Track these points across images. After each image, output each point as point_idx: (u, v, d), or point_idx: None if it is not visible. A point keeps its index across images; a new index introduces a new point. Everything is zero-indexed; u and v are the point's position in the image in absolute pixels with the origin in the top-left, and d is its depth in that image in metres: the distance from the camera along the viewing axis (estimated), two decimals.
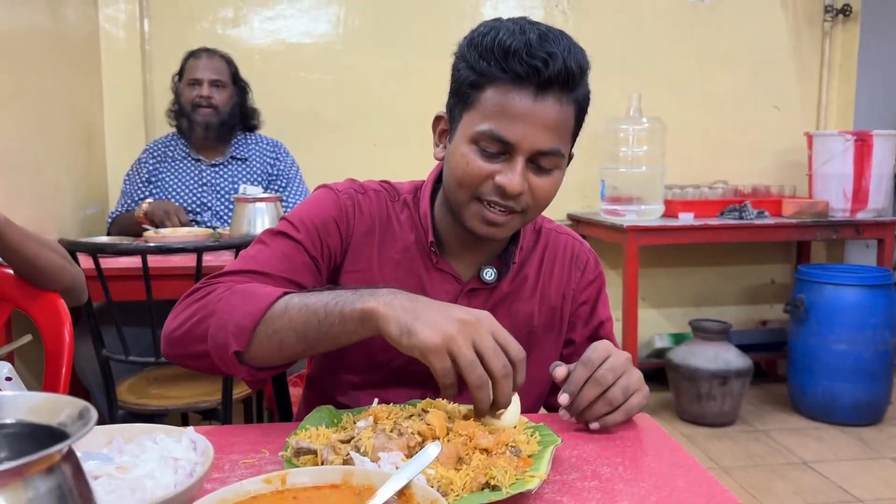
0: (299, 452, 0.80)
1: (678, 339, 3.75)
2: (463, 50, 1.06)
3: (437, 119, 1.15)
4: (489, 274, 1.16)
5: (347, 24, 3.49)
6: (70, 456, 0.47)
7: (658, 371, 3.59)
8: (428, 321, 0.85)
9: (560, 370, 1.00)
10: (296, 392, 1.74)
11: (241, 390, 2.23)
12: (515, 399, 0.91)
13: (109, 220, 2.89)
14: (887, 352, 3.24)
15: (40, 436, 0.49)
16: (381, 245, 1.15)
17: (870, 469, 2.84)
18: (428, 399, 0.98)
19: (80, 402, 0.50)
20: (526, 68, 0.99)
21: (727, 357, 3.25)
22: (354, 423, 0.88)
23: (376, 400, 0.95)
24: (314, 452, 0.80)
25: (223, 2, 3.40)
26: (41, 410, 0.51)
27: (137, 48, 3.33)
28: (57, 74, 2.80)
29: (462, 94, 1.06)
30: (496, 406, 0.86)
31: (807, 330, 3.30)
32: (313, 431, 0.85)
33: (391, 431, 0.81)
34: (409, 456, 0.79)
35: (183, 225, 2.59)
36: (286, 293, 0.97)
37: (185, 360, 1.04)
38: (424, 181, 1.21)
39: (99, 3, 3.27)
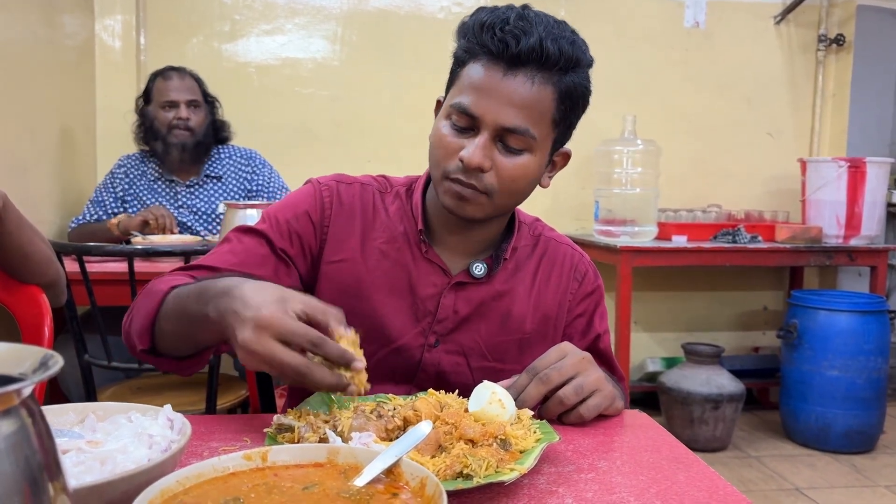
0: (281, 429, 0.77)
1: (670, 362, 3.72)
2: (457, 30, 1.07)
3: (438, 103, 1.14)
4: (478, 268, 1.13)
5: (344, 41, 3.50)
6: (31, 403, 0.43)
7: (650, 395, 3.55)
8: (241, 337, 0.79)
9: (504, 382, 0.98)
10: (282, 403, 1.71)
11: (225, 400, 2.18)
12: (506, 394, 0.88)
13: (73, 224, 2.77)
14: (880, 379, 3.21)
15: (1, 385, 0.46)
16: (364, 235, 1.13)
17: (863, 497, 2.79)
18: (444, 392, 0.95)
19: (44, 351, 0.47)
20: (497, 43, 0.97)
21: (720, 381, 3.22)
22: (356, 408, 0.84)
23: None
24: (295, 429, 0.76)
25: (220, 16, 3.40)
26: (1, 360, 0.47)
27: (133, 59, 3.32)
28: (49, 81, 2.78)
29: (452, 73, 1.07)
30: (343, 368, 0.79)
31: (800, 355, 3.27)
32: (304, 411, 0.82)
33: (371, 413, 0.77)
34: (388, 438, 0.75)
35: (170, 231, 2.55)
36: (174, 287, 0.97)
37: (134, 356, 1.05)
38: (422, 175, 1.19)
39: (96, 12, 3.26)
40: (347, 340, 0.81)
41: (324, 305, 0.83)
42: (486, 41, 0.98)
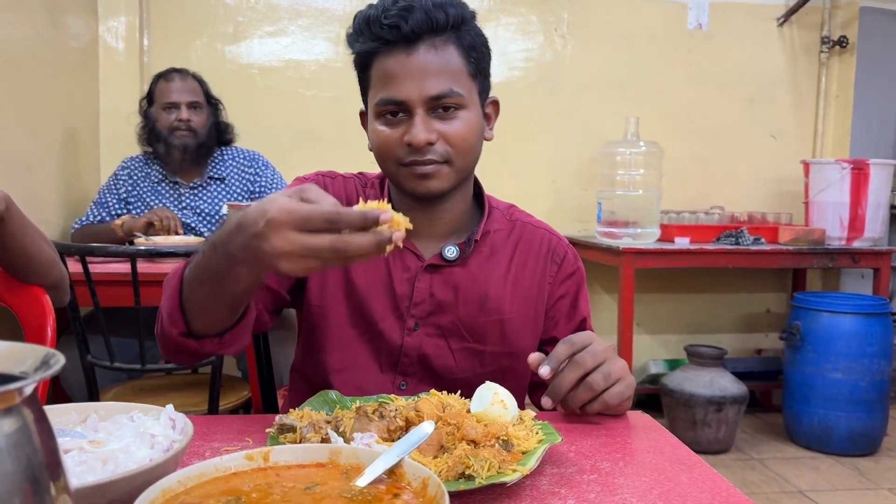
0: (283, 429, 0.77)
1: (673, 364, 3.71)
2: (346, 43, 1.11)
3: (361, 115, 1.19)
4: (450, 251, 1.15)
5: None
6: (32, 402, 0.43)
7: (652, 397, 3.55)
8: (268, 247, 0.76)
9: (535, 356, 0.99)
10: (284, 404, 1.71)
11: (228, 401, 2.18)
12: (508, 395, 0.88)
13: (77, 225, 2.77)
14: (883, 381, 3.20)
15: (0, 383, 0.45)
16: None
17: (866, 499, 2.78)
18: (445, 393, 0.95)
19: (45, 349, 0.47)
20: (388, 30, 1.03)
21: (723, 383, 3.21)
22: (358, 409, 0.84)
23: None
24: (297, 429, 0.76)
25: (223, 17, 3.41)
26: (3, 359, 0.47)
27: (136, 60, 3.32)
28: (53, 82, 2.78)
29: (360, 80, 1.13)
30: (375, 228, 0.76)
31: (802, 358, 3.27)
32: (306, 411, 0.82)
33: (373, 413, 0.77)
34: (390, 439, 0.75)
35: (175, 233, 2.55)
36: (188, 263, 0.95)
37: (171, 357, 1.03)
38: None
39: (99, 14, 3.27)
40: (361, 204, 0.78)
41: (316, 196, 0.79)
42: (378, 33, 1.04)
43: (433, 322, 1.16)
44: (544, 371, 0.96)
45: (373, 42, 1.05)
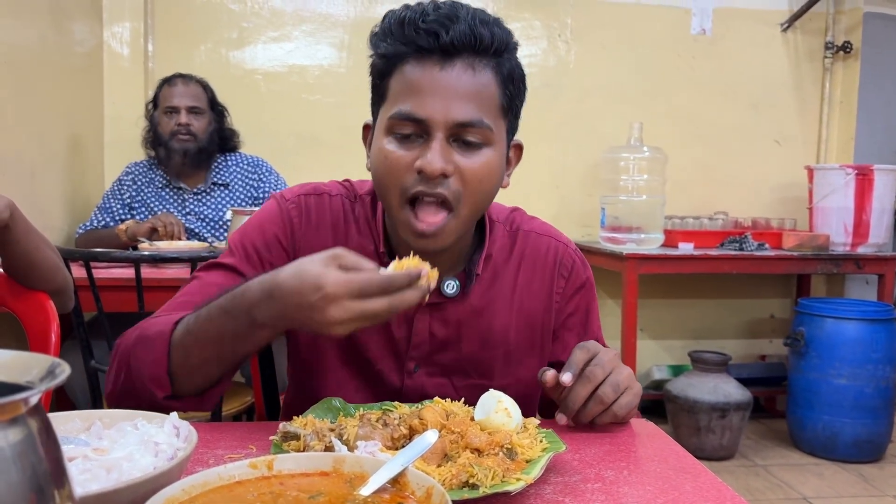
0: (287, 437, 0.77)
1: (677, 370, 3.71)
2: (369, 42, 0.99)
3: (365, 128, 1.06)
4: (450, 287, 1.04)
5: (351, 48, 3.51)
6: (38, 412, 0.43)
7: (656, 403, 3.54)
8: (327, 319, 0.78)
9: (550, 373, 0.96)
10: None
11: (231, 406, 2.18)
12: (512, 403, 0.88)
13: (81, 230, 2.79)
14: (888, 388, 3.19)
15: (6, 393, 0.46)
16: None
17: None
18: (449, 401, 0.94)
19: (51, 359, 0.47)
20: (424, 36, 0.90)
21: (727, 389, 3.20)
22: (361, 416, 0.84)
23: None
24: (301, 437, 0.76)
25: (228, 23, 3.42)
26: (9, 368, 0.47)
27: (140, 66, 3.34)
28: (58, 87, 2.79)
29: (375, 88, 1.00)
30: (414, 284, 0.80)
31: (807, 364, 3.26)
32: (310, 419, 0.82)
33: (377, 421, 0.77)
34: (393, 447, 0.75)
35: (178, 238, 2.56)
36: (177, 323, 0.91)
37: (130, 407, 1.00)
38: None
39: (104, 19, 3.28)
40: (396, 265, 0.83)
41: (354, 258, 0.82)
42: (412, 38, 0.91)
43: (435, 361, 1.07)
44: (566, 378, 0.93)
45: (403, 46, 0.92)
